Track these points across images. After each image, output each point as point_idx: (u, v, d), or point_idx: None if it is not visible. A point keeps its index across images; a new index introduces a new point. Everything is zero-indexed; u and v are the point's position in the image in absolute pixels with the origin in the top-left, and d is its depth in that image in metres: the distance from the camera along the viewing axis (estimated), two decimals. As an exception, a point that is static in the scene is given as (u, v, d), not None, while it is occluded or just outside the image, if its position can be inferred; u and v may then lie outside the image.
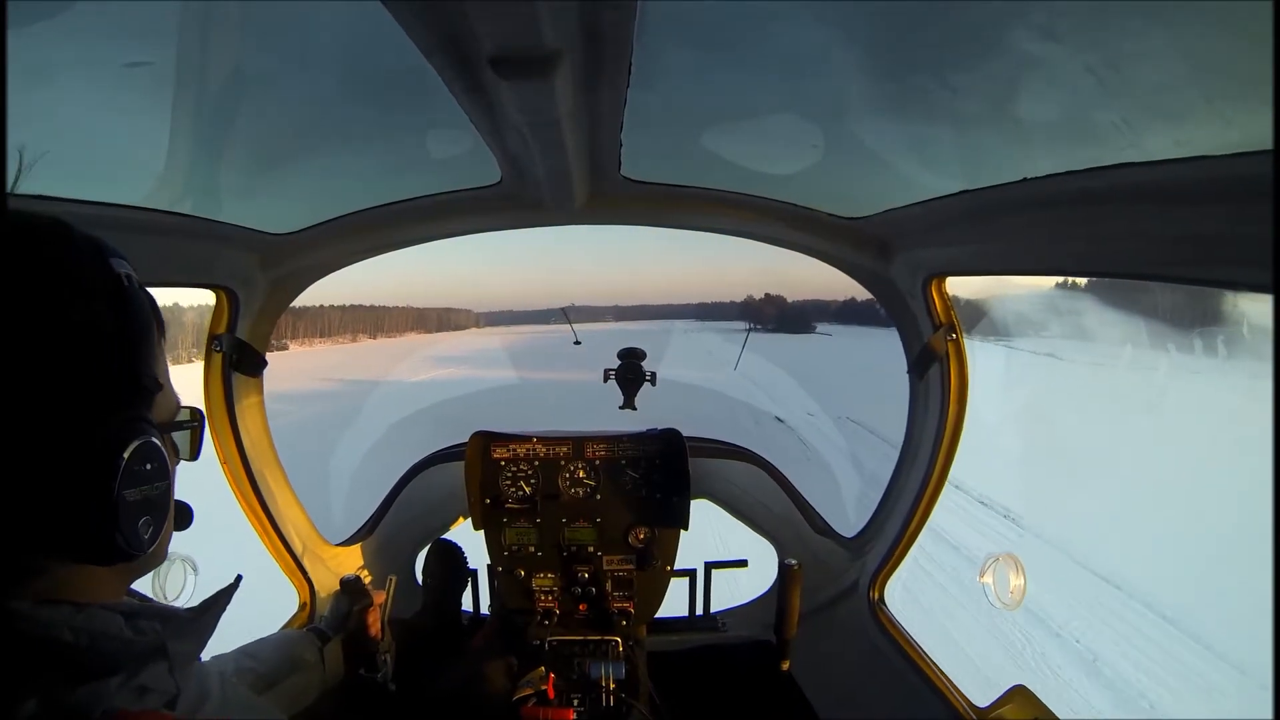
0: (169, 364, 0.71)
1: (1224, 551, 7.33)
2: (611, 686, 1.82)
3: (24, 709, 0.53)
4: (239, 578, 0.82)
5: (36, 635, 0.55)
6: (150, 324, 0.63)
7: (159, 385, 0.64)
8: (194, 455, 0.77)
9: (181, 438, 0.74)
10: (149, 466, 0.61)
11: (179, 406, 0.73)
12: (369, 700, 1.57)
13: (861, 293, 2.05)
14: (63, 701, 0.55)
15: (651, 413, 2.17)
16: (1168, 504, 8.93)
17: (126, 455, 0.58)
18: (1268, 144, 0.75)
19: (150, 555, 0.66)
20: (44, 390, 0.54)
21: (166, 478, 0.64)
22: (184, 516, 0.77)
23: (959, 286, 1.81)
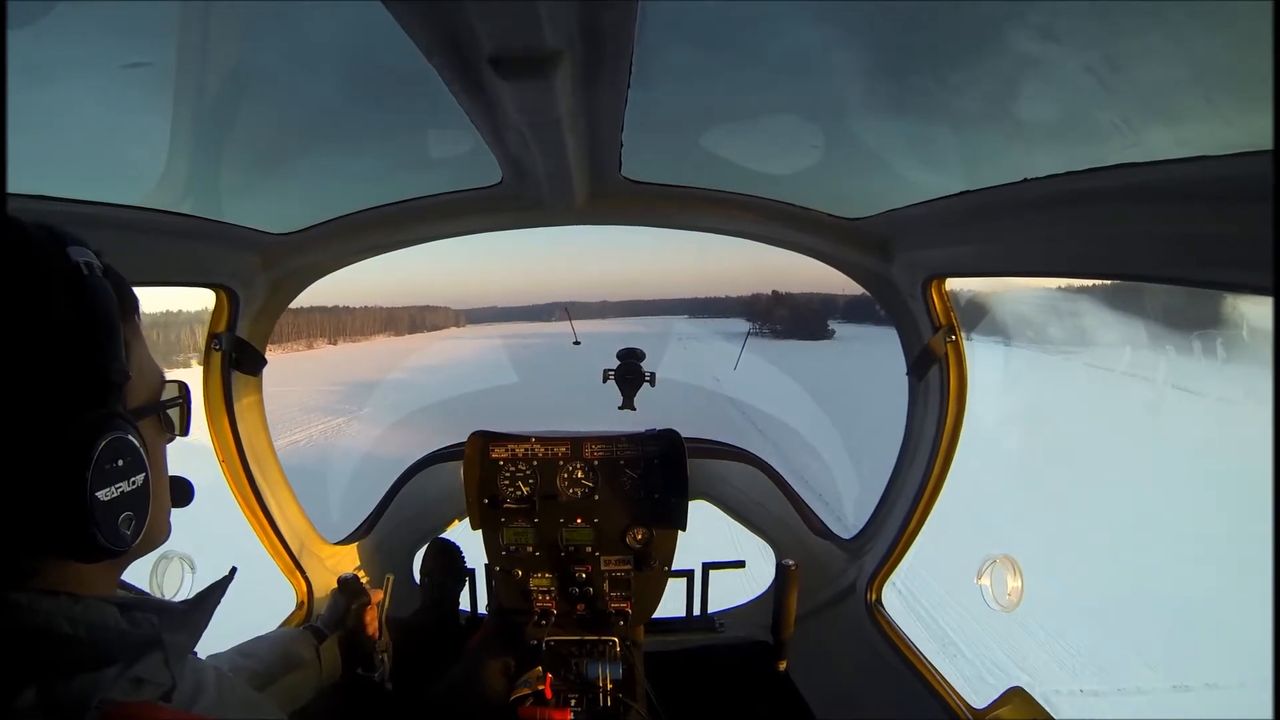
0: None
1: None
2: (609, 687, 1.82)
3: (22, 699, 0.53)
4: (234, 570, 0.82)
5: (34, 626, 0.56)
6: (113, 312, 0.62)
7: (126, 375, 0.63)
8: (184, 430, 0.77)
9: (172, 413, 0.74)
10: (122, 462, 0.60)
11: (163, 383, 0.73)
12: (366, 699, 1.57)
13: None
14: (59, 692, 0.55)
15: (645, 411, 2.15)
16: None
17: (95, 455, 0.57)
18: (1268, 144, 0.75)
19: (145, 540, 0.66)
20: (4, 391, 0.54)
21: (143, 469, 0.63)
22: (183, 493, 0.77)
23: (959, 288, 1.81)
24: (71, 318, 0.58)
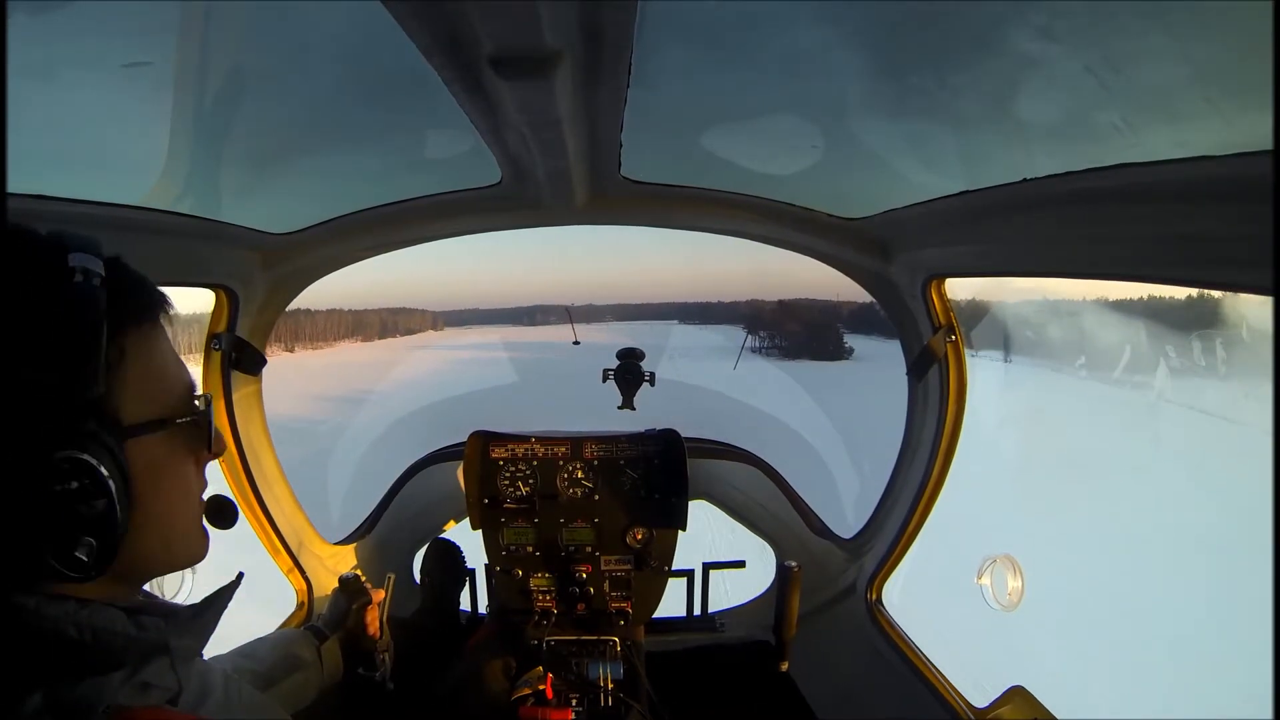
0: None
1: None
2: (609, 686, 1.82)
3: (28, 703, 0.53)
4: (240, 575, 0.82)
5: (41, 630, 0.56)
6: (94, 322, 0.58)
7: (97, 390, 0.58)
8: (207, 447, 0.72)
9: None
10: (77, 484, 0.56)
11: (189, 397, 0.69)
12: (367, 699, 1.57)
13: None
14: (66, 696, 0.55)
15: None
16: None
17: (48, 474, 0.54)
18: (1268, 144, 0.75)
19: (156, 561, 0.66)
20: None
21: (107, 493, 0.58)
22: (222, 514, 0.76)
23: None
24: (46, 328, 0.55)
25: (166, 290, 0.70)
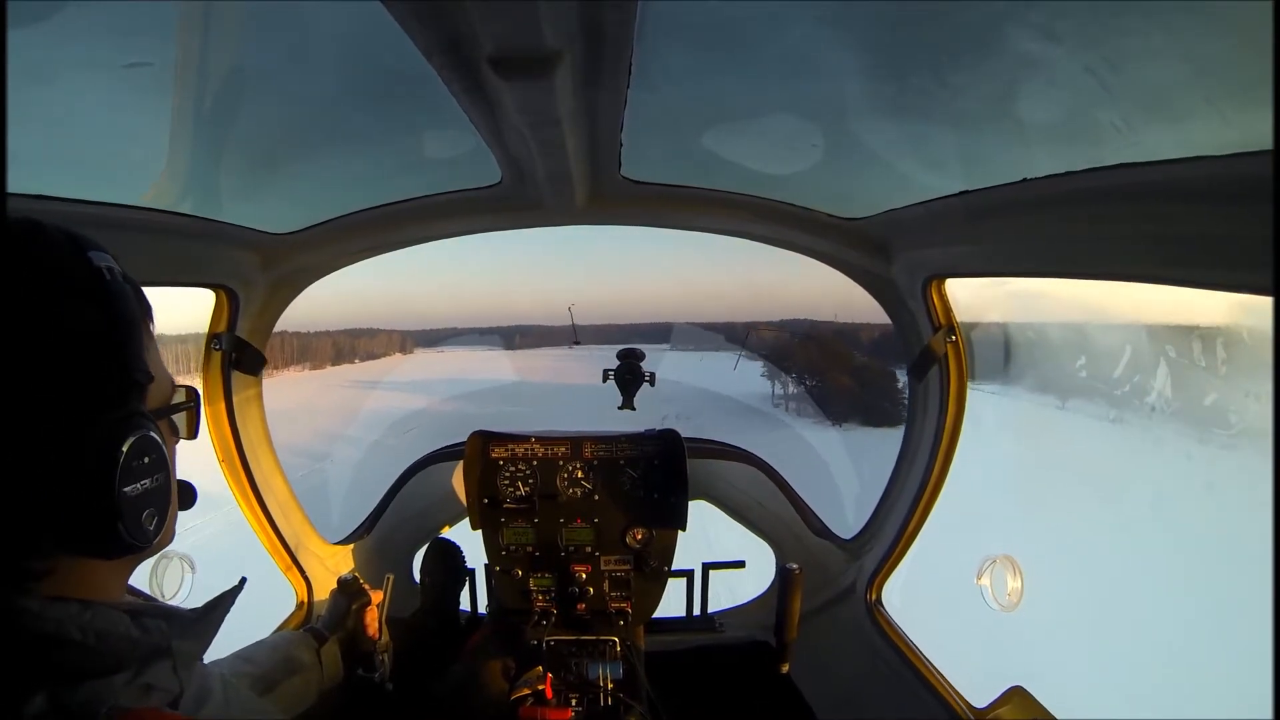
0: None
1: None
2: (609, 686, 1.82)
3: (31, 705, 0.54)
4: (243, 580, 0.82)
5: (44, 632, 0.56)
6: (136, 315, 0.64)
7: (150, 376, 0.65)
8: (192, 434, 0.78)
9: (179, 417, 0.75)
10: (147, 460, 0.62)
11: (173, 388, 0.74)
12: (367, 700, 1.57)
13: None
14: (69, 698, 0.56)
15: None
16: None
17: (124, 452, 0.59)
18: (1267, 144, 0.75)
19: (155, 541, 0.67)
20: (35, 392, 0.55)
21: (165, 468, 0.65)
22: (187, 496, 0.78)
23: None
24: (98, 321, 0.59)
25: (168, 290, 0.72)
